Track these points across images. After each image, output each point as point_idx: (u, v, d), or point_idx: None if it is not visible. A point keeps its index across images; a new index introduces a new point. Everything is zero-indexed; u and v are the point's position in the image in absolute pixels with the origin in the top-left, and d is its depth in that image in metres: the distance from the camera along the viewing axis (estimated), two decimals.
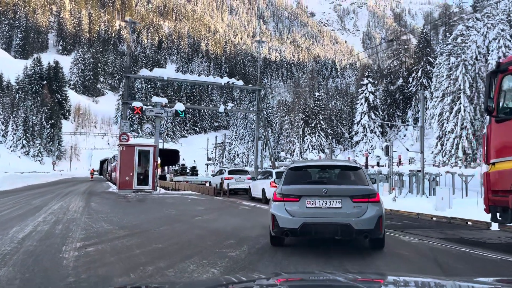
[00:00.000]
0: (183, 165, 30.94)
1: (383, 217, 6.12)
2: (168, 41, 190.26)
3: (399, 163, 31.62)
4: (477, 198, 19.90)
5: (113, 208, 11.71)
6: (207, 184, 24.81)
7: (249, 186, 18.36)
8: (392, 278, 1.90)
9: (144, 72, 21.98)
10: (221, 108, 24.90)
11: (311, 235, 6.25)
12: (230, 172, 21.69)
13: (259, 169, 41.00)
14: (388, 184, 22.08)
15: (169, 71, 23.43)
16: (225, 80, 22.72)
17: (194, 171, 30.86)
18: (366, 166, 30.96)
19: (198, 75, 26.09)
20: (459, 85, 39.47)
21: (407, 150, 23.54)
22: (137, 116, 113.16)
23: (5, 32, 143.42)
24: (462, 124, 39.04)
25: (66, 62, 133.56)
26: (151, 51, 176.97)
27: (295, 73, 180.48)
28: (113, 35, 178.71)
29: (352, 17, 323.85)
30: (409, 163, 31.47)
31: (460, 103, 39.33)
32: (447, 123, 40.53)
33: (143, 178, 19.17)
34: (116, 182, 19.71)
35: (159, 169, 34.81)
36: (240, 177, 20.91)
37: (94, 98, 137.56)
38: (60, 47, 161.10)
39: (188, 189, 21.66)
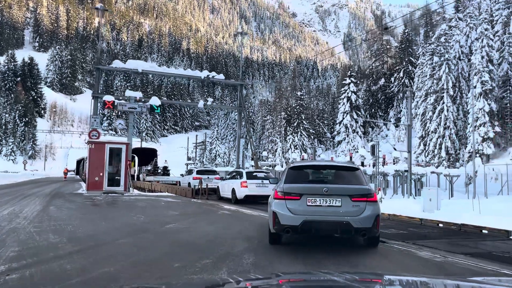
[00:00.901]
0: (156, 164, 29.82)
1: (379, 216, 6.44)
2: (148, 39, 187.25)
3: (384, 163, 30.89)
4: (472, 199, 19.13)
5: (73, 213, 10.27)
6: (179, 184, 24.47)
7: (218, 186, 18.24)
8: (390, 278, 1.87)
9: (117, 64, 20.45)
10: (200, 104, 23.51)
11: (311, 232, 6.45)
12: (199, 172, 21.65)
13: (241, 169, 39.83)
14: (373, 184, 21.19)
15: (144, 63, 21.96)
16: (205, 73, 21.39)
17: (165, 171, 29.80)
18: None
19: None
20: (443, 85, 39.06)
21: (394, 149, 22.68)
22: (114, 113, 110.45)
23: None
24: (445, 124, 38.62)
25: (43, 59, 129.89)
26: (131, 49, 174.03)
27: (276, 73, 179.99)
28: (92, 32, 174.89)
29: (333, 19, 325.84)
30: (394, 163, 30.73)
31: (443, 103, 38.92)
32: (430, 123, 40.09)
33: (115, 178, 17.54)
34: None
35: (135, 169, 33.33)
36: (208, 177, 20.86)
37: (72, 96, 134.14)
38: (36, 44, 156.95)
39: (164, 190, 20.27)
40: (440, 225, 10.72)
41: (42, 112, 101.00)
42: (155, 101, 18.19)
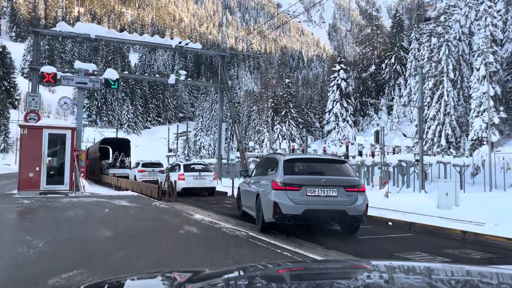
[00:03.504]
0: (116, 157, 27.58)
1: (368, 205, 7.34)
2: (131, 29, 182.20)
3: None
4: (488, 192, 16.27)
5: None
6: (128, 178, 23.08)
7: (158, 179, 18.41)
8: (377, 263, 1.96)
9: (63, 27, 16.71)
10: (171, 79, 19.88)
11: (312, 221, 7.07)
12: (144, 165, 22.05)
13: (224, 160, 36.49)
14: (379, 176, 18.10)
15: (99, 28, 18.15)
16: (176, 41, 17.77)
17: (122, 164, 27.62)
18: (347, 156, 27.00)
19: (140, 34, 20.40)
20: (442, 68, 36.23)
21: (404, 136, 19.64)
22: (96, 100, 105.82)
23: None
24: (445, 110, 35.85)
25: (20, 49, 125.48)
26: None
27: (262, 63, 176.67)
28: (72, 22, 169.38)
29: (318, 9, 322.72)
30: (394, 153, 27.77)
31: (443, 87, 36.11)
32: (429, 109, 37.27)
33: (58, 174, 13.49)
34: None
35: (109, 161, 29.85)
36: (153, 170, 21.19)
37: (50, 87, 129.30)
38: (13, 34, 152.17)
39: (130, 187, 16.85)
40: None
41: (16, 103, 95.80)
42: (111, 74, 14.29)
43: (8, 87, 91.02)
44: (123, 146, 29.11)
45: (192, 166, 16.38)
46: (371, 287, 1.36)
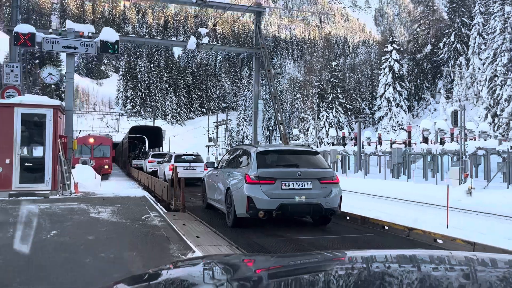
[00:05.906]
0: (141, 148, 26.36)
1: (341, 197, 7.18)
2: (174, 21, 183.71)
3: (452, 139, 23.72)
4: None
5: None
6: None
7: (157, 170, 19.38)
8: (353, 253, 1.95)
9: None
10: (191, 44, 16.94)
11: (287, 215, 6.89)
12: (153, 156, 22.54)
13: None
14: (458, 168, 14.17)
15: None
16: None
17: (144, 155, 26.24)
18: (409, 143, 22.95)
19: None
20: None
21: (497, 115, 15.46)
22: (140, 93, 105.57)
23: (6, 15, 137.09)
24: None
25: None
26: (156, 31, 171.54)
27: (305, 51, 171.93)
28: (118, 16, 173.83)
29: None
30: (465, 139, 23.39)
31: None
32: (502, 89, 32.17)
33: (37, 168, 10.05)
34: None
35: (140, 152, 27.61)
36: (162, 160, 21.07)
37: (98, 80, 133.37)
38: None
39: (147, 183, 14.03)
40: None
41: (63, 95, 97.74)
42: (109, 35, 10.87)
43: None
44: (154, 135, 26.77)
45: (183, 156, 16.95)
46: (349, 278, 1.32)
